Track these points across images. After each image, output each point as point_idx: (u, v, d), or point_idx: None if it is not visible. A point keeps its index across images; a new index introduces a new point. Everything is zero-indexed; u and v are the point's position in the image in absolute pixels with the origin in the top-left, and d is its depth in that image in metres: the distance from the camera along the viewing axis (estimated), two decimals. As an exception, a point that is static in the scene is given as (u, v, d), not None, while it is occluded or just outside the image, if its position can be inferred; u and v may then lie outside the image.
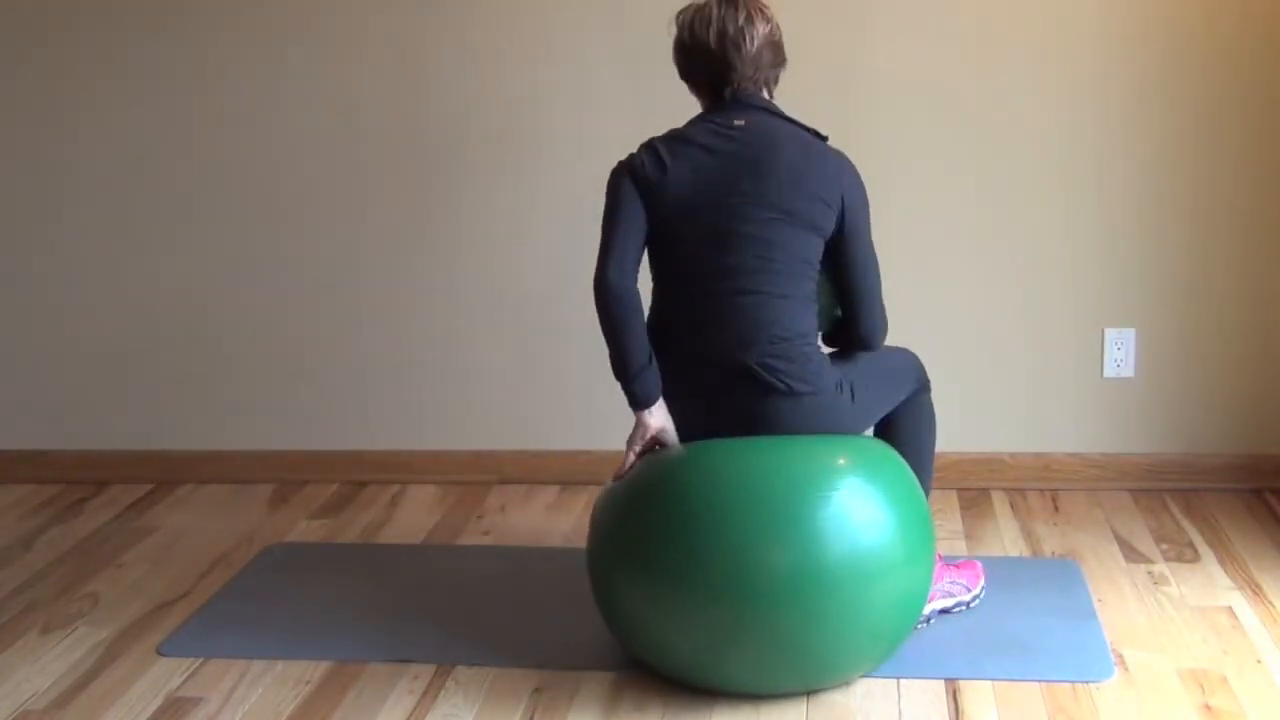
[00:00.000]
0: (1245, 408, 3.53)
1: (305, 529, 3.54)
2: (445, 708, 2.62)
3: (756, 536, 2.43)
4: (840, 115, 3.46)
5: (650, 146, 2.70)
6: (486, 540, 3.43)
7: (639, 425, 2.66)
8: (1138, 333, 3.52)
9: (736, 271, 2.62)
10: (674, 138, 2.69)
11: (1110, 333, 3.52)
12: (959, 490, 3.60)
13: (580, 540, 3.37)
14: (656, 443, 2.69)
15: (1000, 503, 3.52)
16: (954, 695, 2.59)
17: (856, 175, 2.71)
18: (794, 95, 2.86)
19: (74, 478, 3.93)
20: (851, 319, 2.74)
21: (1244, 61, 3.36)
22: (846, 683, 2.62)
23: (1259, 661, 2.67)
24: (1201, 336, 3.50)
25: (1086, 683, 2.61)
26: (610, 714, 2.57)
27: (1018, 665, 2.68)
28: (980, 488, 3.61)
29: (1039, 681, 2.62)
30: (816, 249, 2.66)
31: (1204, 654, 2.71)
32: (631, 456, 2.67)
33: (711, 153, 2.65)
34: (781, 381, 2.60)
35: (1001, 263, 3.52)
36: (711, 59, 2.69)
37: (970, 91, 3.44)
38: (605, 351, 2.65)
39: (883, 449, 2.65)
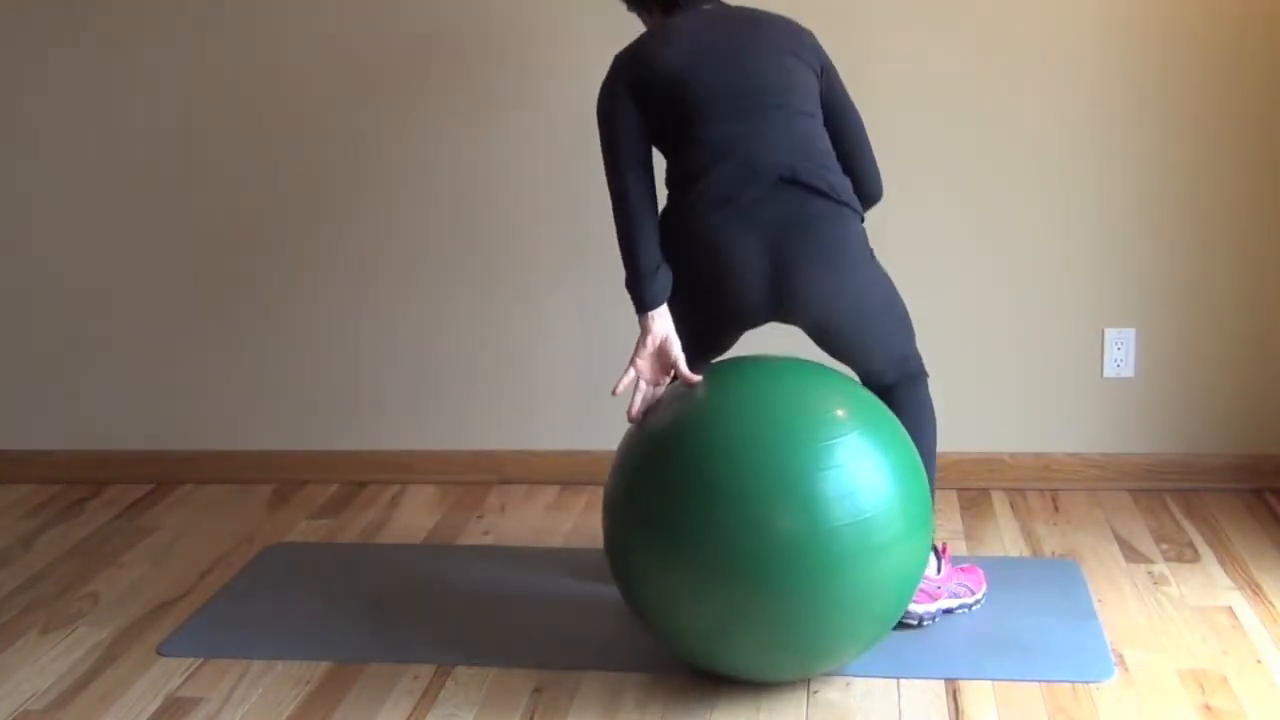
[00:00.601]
0: (1245, 408, 3.53)
1: (305, 529, 3.55)
2: (445, 708, 2.62)
3: (759, 504, 2.41)
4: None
5: (628, 53, 2.72)
6: (486, 540, 3.43)
7: (644, 331, 2.66)
8: (1138, 333, 3.52)
9: (766, 90, 2.66)
10: (648, 36, 2.74)
11: (1110, 333, 3.52)
12: (959, 490, 3.60)
13: (580, 540, 3.37)
14: (661, 356, 2.67)
15: (1000, 503, 3.53)
16: (954, 695, 2.59)
17: (813, 37, 2.80)
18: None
19: (74, 478, 3.93)
20: (859, 177, 2.80)
21: (1244, 61, 3.36)
22: (847, 682, 2.63)
23: (1259, 661, 2.67)
24: (1201, 336, 3.50)
25: (1086, 683, 2.61)
26: (610, 714, 2.57)
27: (1018, 665, 2.68)
28: (980, 488, 3.61)
29: (1039, 681, 2.62)
30: (817, 91, 2.75)
31: (1204, 654, 2.71)
32: (633, 371, 2.66)
33: (695, 28, 2.70)
34: (826, 183, 2.65)
35: (1001, 263, 3.52)
36: None
37: (970, 91, 3.44)
38: (605, 352, 2.64)
39: (888, 419, 2.61)
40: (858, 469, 2.46)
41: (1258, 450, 3.53)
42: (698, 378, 2.62)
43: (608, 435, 3.58)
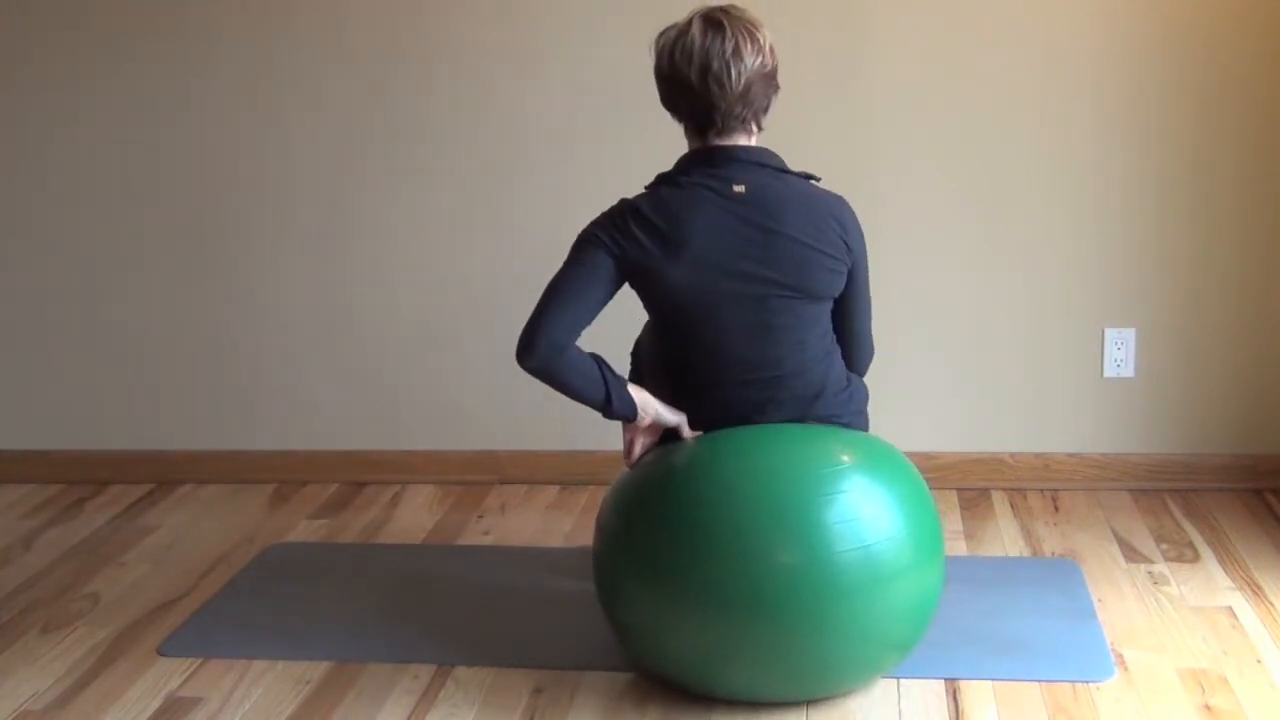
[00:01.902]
0: (1245, 408, 3.53)
1: (305, 529, 3.55)
2: (445, 708, 2.62)
3: (763, 539, 2.42)
4: (840, 115, 3.46)
5: (640, 219, 2.51)
6: (486, 540, 3.43)
7: (635, 432, 2.63)
8: (1138, 333, 3.52)
9: (775, 362, 2.57)
10: (667, 212, 2.51)
11: (1110, 333, 3.52)
12: (959, 490, 3.60)
13: (580, 540, 3.37)
14: (654, 428, 2.64)
15: (1000, 503, 3.52)
16: (954, 695, 2.59)
17: (855, 220, 2.62)
18: (796, 95, 2.86)
19: (74, 478, 3.93)
20: (847, 354, 2.72)
21: (1244, 62, 3.36)
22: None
23: (1259, 661, 2.67)
24: (1201, 336, 3.50)
25: (1086, 683, 2.61)
26: (610, 714, 2.57)
27: (1018, 665, 2.68)
28: (980, 488, 3.61)
29: (1039, 681, 2.62)
30: (830, 308, 2.64)
31: (1204, 654, 2.71)
32: (637, 447, 2.64)
33: (715, 230, 2.49)
34: (838, 422, 2.63)
35: (1001, 263, 3.52)
36: (693, 96, 2.49)
37: (970, 92, 3.44)
38: (606, 352, 2.64)
39: (889, 449, 2.64)
40: (860, 499, 2.46)
41: (1258, 450, 3.53)
42: (697, 434, 2.63)
43: (608, 435, 3.57)
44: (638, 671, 2.68)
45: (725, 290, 2.53)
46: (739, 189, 2.51)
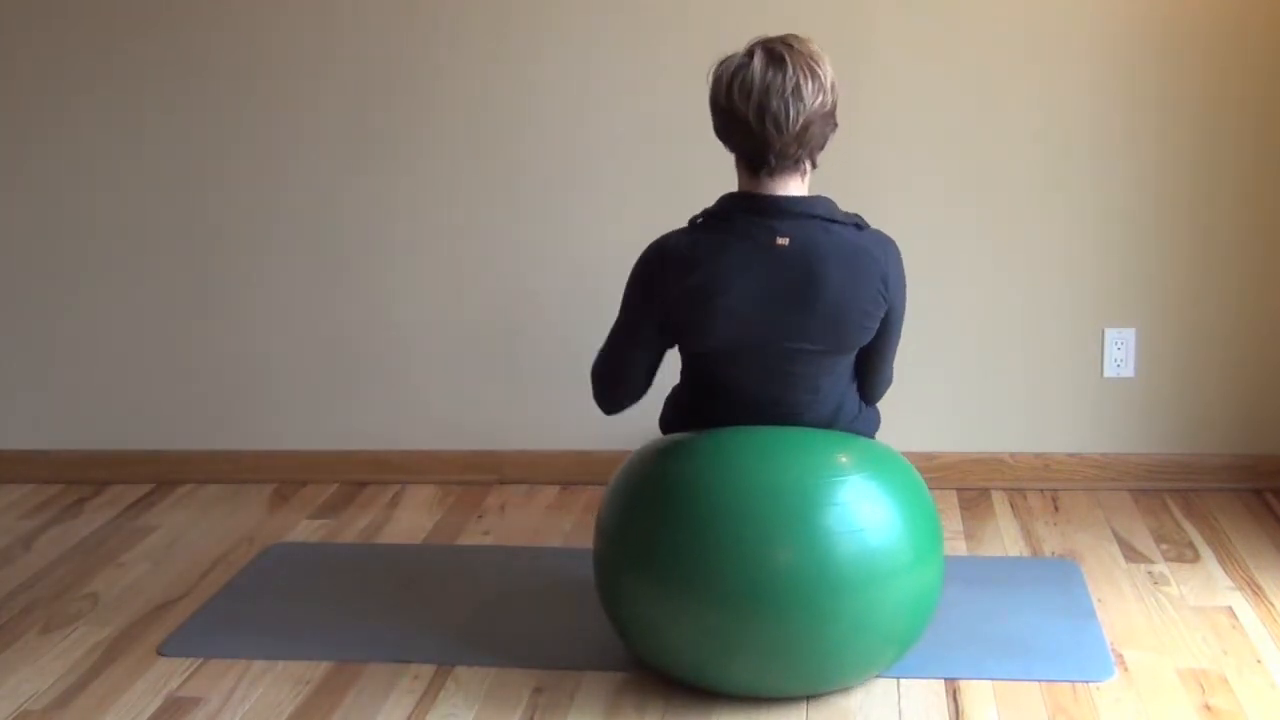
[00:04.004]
0: (1245, 408, 3.53)
1: (305, 529, 3.54)
2: (445, 708, 2.62)
3: (763, 538, 2.42)
4: (840, 115, 3.45)
5: (675, 266, 2.48)
6: (486, 540, 3.43)
7: None
8: (1138, 333, 3.52)
9: (789, 404, 2.57)
10: (703, 262, 2.47)
11: (1110, 333, 3.52)
12: (959, 490, 3.60)
13: (580, 540, 3.37)
14: None
15: (1000, 503, 3.52)
16: (954, 695, 2.59)
17: (899, 268, 2.56)
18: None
19: (74, 478, 3.93)
20: (864, 386, 2.70)
21: (1244, 61, 3.36)
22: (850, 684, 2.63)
23: (1259, 661, 2.67)
24: (1201, 336, 3.50)
25: (1086, 683, 2.61)
26: (610, 714, 2.57)
27: (1018, 665, 2.68)
28: (980, 488, 3.61)
29: (1039, 681, 2.62)
30: (871, 336, 2.61)
31: (1204, 654, 2.71)
32: None
33: (751, 284, 2.46)
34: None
35: (1001, 263, 3.52)
36: (749, 134, 2.42)
37: (970, 91, 3.44)
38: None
39: (888, 450, 2.64)
40: (858, 495, 2.46)
41: (1258, 450, 3.53)
42: None
43: (608, 435, 3.58)
44: (638, 670, 2.68)
45: (754, 340, 2.51)
46: (783, 241, 2.45)
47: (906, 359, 3.52)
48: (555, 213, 3.63)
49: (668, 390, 2.78)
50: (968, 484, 3.61)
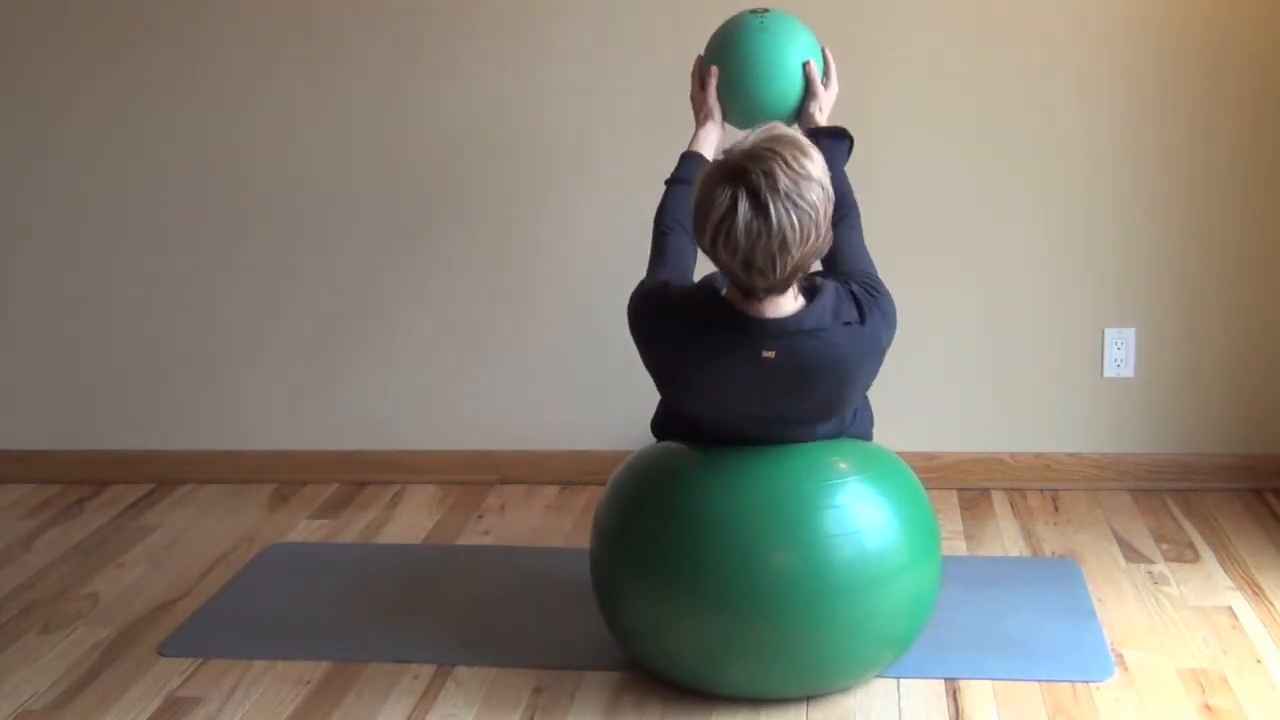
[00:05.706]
0: (1245, 408, 3.53)
1: (305, 529, 3.54)
2: (445, 708, 2.62)
3: (760, 541, 2.43)
4: (840, 115, 3.46)
5: (660, 329, 2.49)
6: (486, 540, 3.43)
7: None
8: (1138, 333, 3.52)
9: (782, 444, 2.55)
10: (685, 348, 2.45)
11: (1110, 333, 3.52)
12: (959, 490, 3.60)
13: (580, 540, 3.37)
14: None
15: (1000, 503, 3.52)
16: (954, 695, 2.59)
17: (891, 330, 2.52)
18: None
19: (74, 478, 3.93)
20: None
21: (1243, 61, 3.36)
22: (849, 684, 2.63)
23: (1259, 661, 2.67)
24: (1201, 336, 3.50)
25: (1086, 683, 2.61)
26: (610, 714, 2.57)
27: (1018, 665, 2.68)
28: (980, 488, 3.61)
29: (1039, 681, 2.62)
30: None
31: (1204, 654, 2.71)
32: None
33: (732, 379, 2.44)
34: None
35: (1001, 263, 3.52)
36: (737, 277, 2.37)
37: (969, 92, 3.44)
38: (606, 352, 2.64)
39: (885, 453, 2.64)
40: (855, 497, 2.47)
41: (1258, 450, 3.53)
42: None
43: (608, 435, 3.58)
44: (638, 670, 2.68)
45: (737, 417, 2.51)
46: (768, 354, 2.40)
47: (907, 359, 3.53)
48: (556, 212, 3.63)
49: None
50: (968, 484, 3.61)
